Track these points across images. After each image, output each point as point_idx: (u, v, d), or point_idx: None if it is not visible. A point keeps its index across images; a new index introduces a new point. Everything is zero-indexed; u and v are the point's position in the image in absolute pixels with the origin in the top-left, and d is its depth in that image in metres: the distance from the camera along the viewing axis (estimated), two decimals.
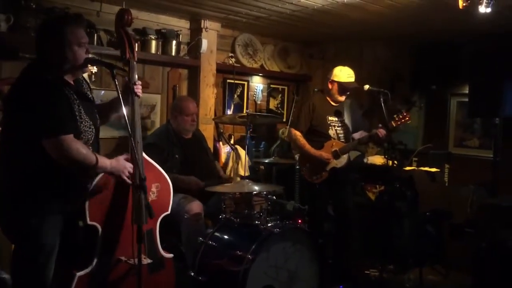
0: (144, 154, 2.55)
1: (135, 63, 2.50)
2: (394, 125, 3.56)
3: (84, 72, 2.34)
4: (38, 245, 2.19)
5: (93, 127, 2.33)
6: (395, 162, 3.56)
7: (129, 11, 2.48)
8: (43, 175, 2.19)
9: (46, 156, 2.14)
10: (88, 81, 3.81)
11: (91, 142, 2.31)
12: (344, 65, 3.84)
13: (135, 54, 2.49)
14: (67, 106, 2.18)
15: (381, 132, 3.60)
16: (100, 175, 2.36)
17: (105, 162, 2.29)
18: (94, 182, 2.36)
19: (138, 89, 2.49)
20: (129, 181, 2.36)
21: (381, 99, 3.43)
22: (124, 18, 2.44)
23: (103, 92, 4.00)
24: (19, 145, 2.18)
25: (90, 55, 2.38)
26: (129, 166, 2.37)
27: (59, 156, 2.14)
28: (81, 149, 2.18)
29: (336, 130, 3.81)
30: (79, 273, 2.34)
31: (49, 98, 2.11)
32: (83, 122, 2.25)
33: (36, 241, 2.19)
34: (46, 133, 2.11)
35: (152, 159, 2.78)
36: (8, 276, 2.97)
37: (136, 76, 2.52)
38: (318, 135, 3.77)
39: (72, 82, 2.30)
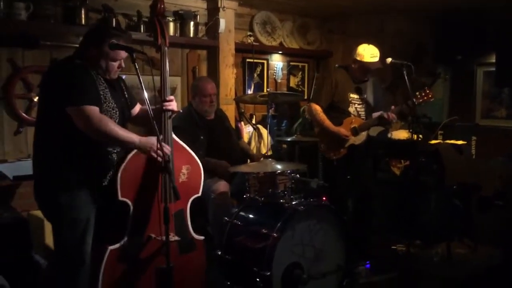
0: (175, 137, 2.60)
1: (166, 48, 2.57)
2: (416, 102, 3.48)
3: (112, 78, 2.44)
4: (71, 220, 2.30)
5: (117, 109, 2.40)
6: (420, 136, 3.48)
7: (162, 0, 2.59)
8: (70, 151, 2.29)
9: (72, 131, 2.24)
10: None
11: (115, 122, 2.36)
12: (365, 39, 3.75)
13: (167, 40, 2.58)
14: (92, 83, 2.30)
15: (389, 115, 3.57)
16: (133, 152, 2.41)
17: (132, 137, 2.34)
18: (127, 158, 2.41)
19: (171, 106, 2.50)
20: (158, 158, 2.38)
21: (404, 72, 3.35)
22: (157, 7, 2.58)
23: (124, 76, 3.99)
24: (47, 121, 2.31)
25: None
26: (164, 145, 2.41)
27: (83, 125, 2.23)
28: (106, 120, 2.26)
29: (356, 107, 3.75)
30: (111, 247, 2.41)
31: (75, 73, 2.26)
32: (107, 103, 2.34)
33: (69, 216, 2.29)
34: (70, 100, 2.22)
35: None
36: (42, 260, 3.08)
37: (167, 61, 2.55)
38: (338, 111, 3.72)
39: None
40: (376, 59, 3.63)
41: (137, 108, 2.69)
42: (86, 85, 2.26)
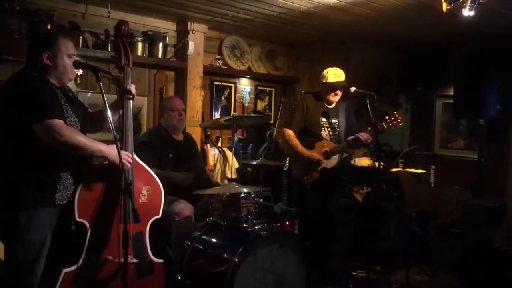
0: (136, 157, 2.56)
1: (130, 69, 2.60)
2: (385, 126, 3.56)
3: (70, 80, 2.45)
4: (28, 241, 2.21)
5: (78, 124, 2.38)
6: (382, 163, 3.57)
7: (126, 22, 2.65)
8: (31, 168, 2.23)
9: (34, 148, 2.19)
10: (74, 85, 3.81)
11: None
12: (331, 66, 3.84)
13: (131, 61, 2.61)
14: (53, 96, 2.26)
15: (363, 135, 3.62)
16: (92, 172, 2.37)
17: (99, 146, 2.33)
18: (86, 179, 2.37)
19: (132, 89, 2.55)
20: (128, 165, 2.38)
21: (368, 101, 3.44)
22: (121, 29, 2.62)
23: (89, 94, 3.96)
24: (7, 139, 2.24)
25: (75, 58, 2.43)
26: (125, 152, 2.40)
27: (51, 139, 2.18)
28: (72, 131, 2.24)
29: (328, 131, 3.80)
30: (65, 270, 2.33)
31: (35, 88, 2.21)
32: (70, 117, 2.32)
33: (26, 237, 2.21)
34: (34, 117, 2.17)
35: (146, 157, 2.78)
36: None
37: (130, 81, 2.60)
38: (310, 136, 3.76)
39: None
40: (340, 78, 3.70)
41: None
42: (48, 99, 2.22)
